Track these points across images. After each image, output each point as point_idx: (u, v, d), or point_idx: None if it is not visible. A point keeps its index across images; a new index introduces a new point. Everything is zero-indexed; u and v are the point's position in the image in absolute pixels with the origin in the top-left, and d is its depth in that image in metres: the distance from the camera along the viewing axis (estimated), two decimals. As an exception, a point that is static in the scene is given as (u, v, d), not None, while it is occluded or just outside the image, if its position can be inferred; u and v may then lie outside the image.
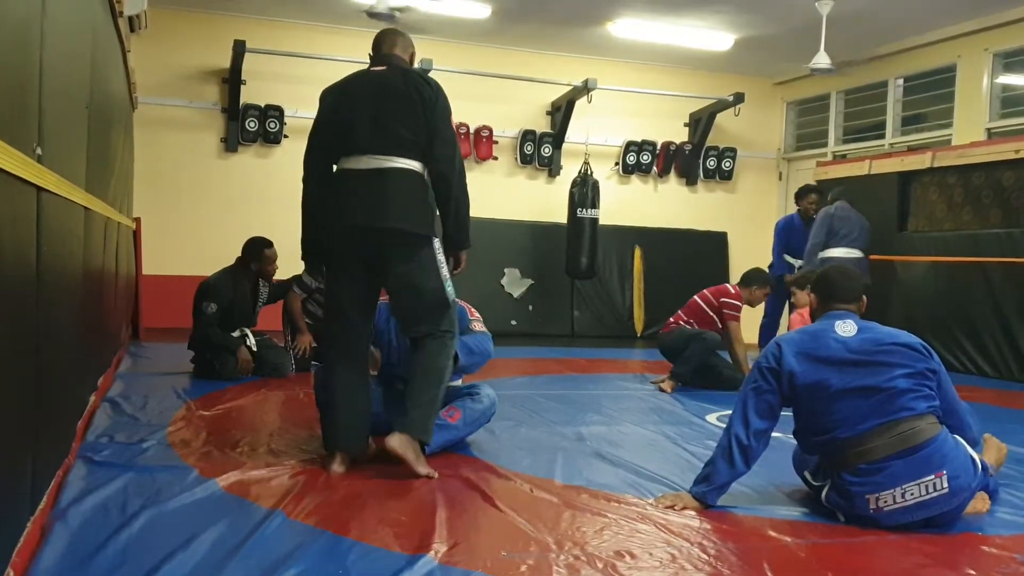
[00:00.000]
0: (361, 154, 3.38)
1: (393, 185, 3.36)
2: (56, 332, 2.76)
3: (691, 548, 2.60)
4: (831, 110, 10.30)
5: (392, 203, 3.34)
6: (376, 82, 3.47)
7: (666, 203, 10.62)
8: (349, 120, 3.41)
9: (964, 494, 2.85)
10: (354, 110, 3.42)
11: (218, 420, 4.28)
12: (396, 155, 3.37)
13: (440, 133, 3.41)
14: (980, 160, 7.68)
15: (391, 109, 3.38)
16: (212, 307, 5.71)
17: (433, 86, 3.47)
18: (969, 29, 8.27)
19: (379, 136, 3.37)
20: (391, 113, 3.38)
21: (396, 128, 3.37)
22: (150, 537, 2.49)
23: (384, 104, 3.39)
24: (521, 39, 9.57)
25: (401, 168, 3.38)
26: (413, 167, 3.40)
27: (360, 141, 3.38)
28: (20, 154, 2.02)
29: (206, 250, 8.91)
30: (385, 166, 3.36)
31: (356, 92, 3.48)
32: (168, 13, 8.57)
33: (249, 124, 8.99)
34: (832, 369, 2.93)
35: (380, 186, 3.35)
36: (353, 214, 3.36)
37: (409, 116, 3.38)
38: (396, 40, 3.64)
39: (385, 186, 3.35)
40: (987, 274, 7.56)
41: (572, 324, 10.07)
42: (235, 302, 5.85)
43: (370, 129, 3.37)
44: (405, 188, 3.38)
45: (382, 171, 3.36)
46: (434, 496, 3.04)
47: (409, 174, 3.39)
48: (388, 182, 3.36)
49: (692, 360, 6.04)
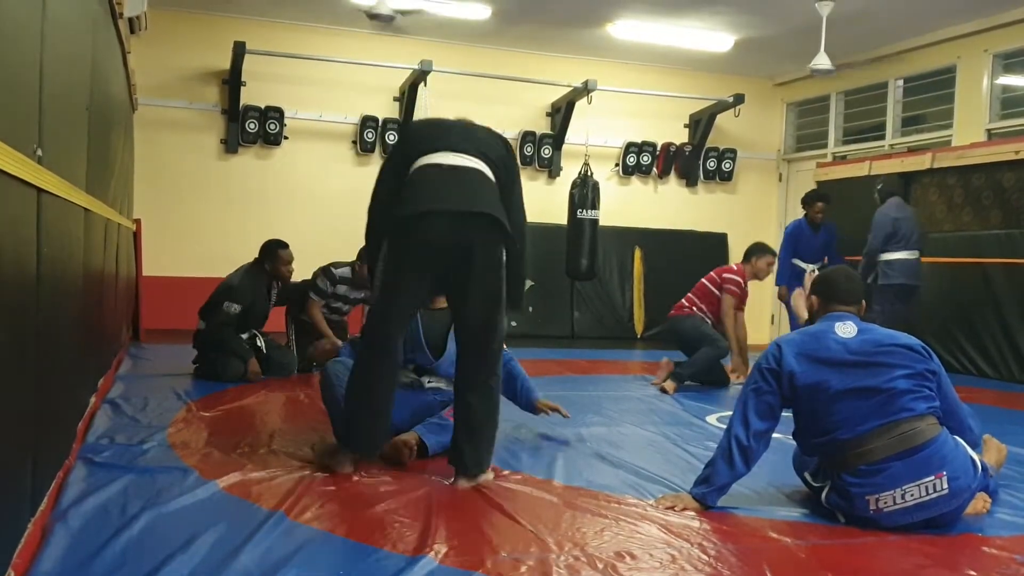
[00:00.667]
0: (450, 151, 3.30)
1: (482, 179, 3.28)
2: (56, 333, 2.76)
3: (691, 549, 2.60)
4: (831, 111, 10.31)
5: (482, 193, 3.24)
6: (458, 124, 3.51)
7: (666, 204, 10.62)
8: (435, 134, 3.40)
9: (964, 495, 2.85)
10: (442, 129, 3.43)
11: (218, 421, 4.29)
12: (481, 160, 3.32)
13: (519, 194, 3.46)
14: (980, 161, 7.68)
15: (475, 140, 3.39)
16: (235, 308, 5.69)
17: (506, 140, 3.52)
18: (969, 30, 8.27)
19: (469, 145, 3.33)
20: (475, 142, 3.37)
21: (479, 145, 3.36)
22: (150, 538, 2.49)
23: (468, 136, 3.40)
24: (521, 40, 9.57)
25: (484, 172, 3.31)
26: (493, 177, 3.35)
27: (451, 141, 3.33)
28: (20, 155, 2.02)
29: (206, 251, 8.93)
30: (474, 165, 3.29)
31: (443, 123, 3.52)
32: (168, 14, 8.58)
33: (249, 125, 8.99)
34: (832, 370, 2.93)
35: (470, 178, 3.26)
36: (444, 199, 3.17)
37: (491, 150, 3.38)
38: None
39: (475, 179, 3.27)
40: (987, 275, 7.56)
41: (572, 325, 10.07)
42: (255, 304, 5.86)
43: (455, 141, 3.34)
44: (492, 186, 3.30)
45: (471, 168, 3.28)
46: (434, 497, 3.04)
47: (489, 179, 3.32)
48: (477, 176, 3.28)
49: (697, 364, 6.06)
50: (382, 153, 9.38)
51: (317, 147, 9.33)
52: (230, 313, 5.68)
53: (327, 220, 8.86)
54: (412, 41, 9.44)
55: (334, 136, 9.38)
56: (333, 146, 9.38)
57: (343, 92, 9.34)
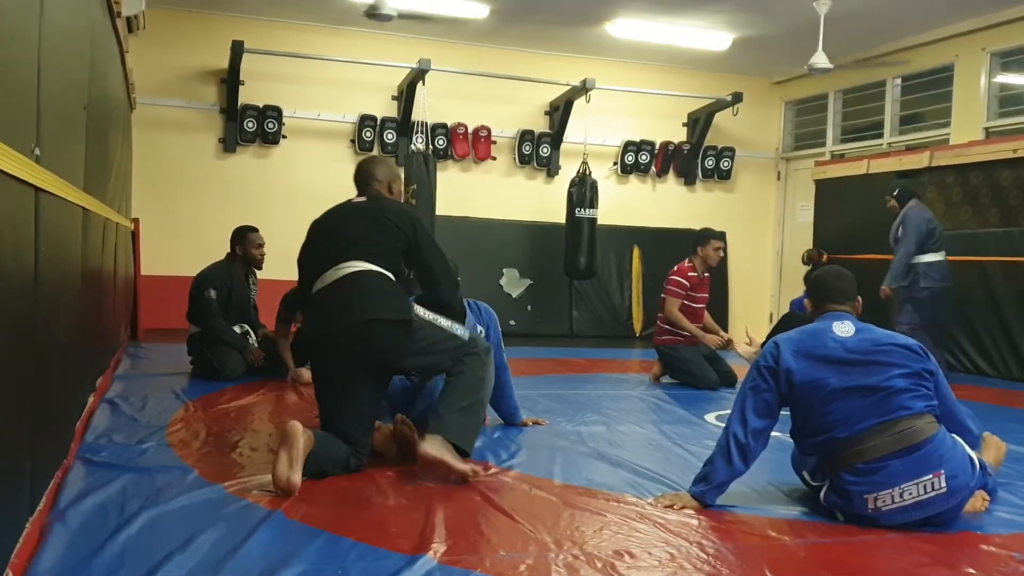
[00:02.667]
0: (331, 266, 3.41)
1: (361, 283, 3.36)
2: (54, 333, 2.76)
3: (690, 547, 2.60)
4: (829, 110, 10.31)
5: (362, 299, 3.33)
6: (352, 211, 3.60)
7: (664, 203, 10.62)
8: (319, 248, 3.52)
9: (962, 493, 2.85)
10: (327, 237, 3.54)
11: (217, 421, 4.28)
12: (363, 261, 3.40)
13: (430, 255, 3.55)
14: (978, 159, 7.68)
15: (364, 231, 3.47)
16: (211, 293, 5.67)
17: (410, 213, 3.60)
18: (966, 29, 8.28)
19: (347, 250, 3.42)
20: (363, 233, 3.46)
21: (364, 245, 3.42)
22: (149, 538, 2.49)
23: (357, 228, 3.49)
24: (519, 39, 9.57)
25: (368, 270, 3.39)
26: (379, 270, 3.41)
27: (328, 258, 3.44)
28: (18, 154, 2.02)
29: (204, 250, 8.86)
30: (355, 268, 3.38)
31: (331, 219, 3.62)
32: (166, 13, 8.57)
33: (247, 124, 8.99)
34: (829, 368, 2.94)
35: (350, 288, 3.36)
36: (328, 321, 3.34)
37: (383, 236, 3.47)
38: (371, 179, 3.74)
39: (355, 285, 3.36)
40: (985, 273, 7.57)
41: (571, 324, 10.07)
42: (232, 290, 5.83)
43: (338, 247, 3.44)
44: (375, 284, 3.38)
45: (352, 275, 3.37)
46: (433, 496, 3.04)
47: (374, 274, 3.40)
48: (358, 281, 3.37)
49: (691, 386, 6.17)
50: (380, 152, 9.38)
51: (315, 146, 9.32)
52: (211, 299, 5.66)
53: (325, 219, 8.85)
54: (410, 40, 9.43)
55: (332, 135, 9.38)
56: (331, 145, 9.38)
57: (341, 91, 9.34)
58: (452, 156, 9.69)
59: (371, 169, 3.77)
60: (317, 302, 3.44)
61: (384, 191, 3.73)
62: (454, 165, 9.76)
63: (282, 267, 8.94)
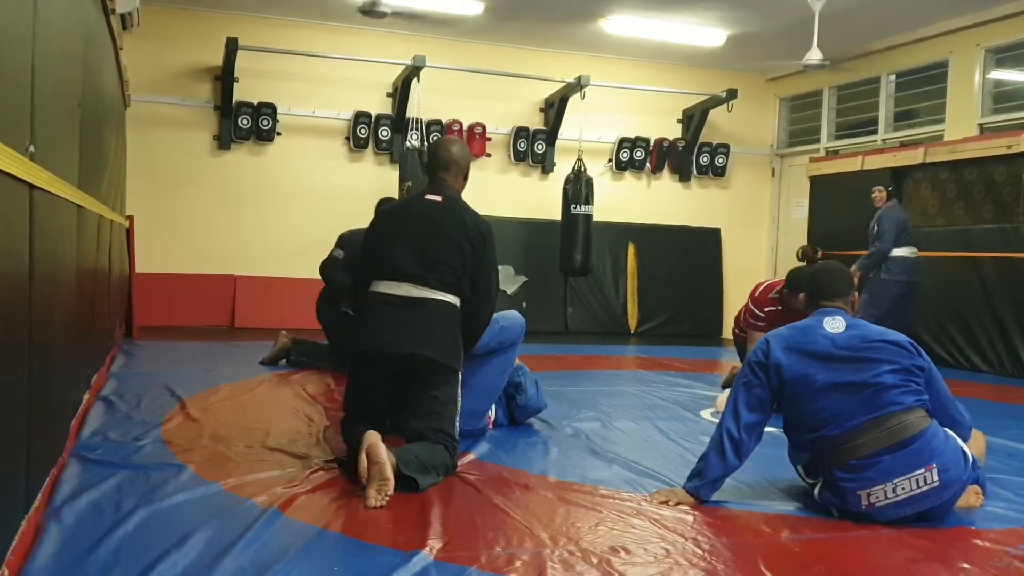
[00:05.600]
0: (402, 281, 3.40)
1: (427, 315, 3.38)
2: (49, 330, 2.76)
3: (685, 543, 2.61)
4: (824, 106, 10.32)
5: (424, 331, 3.35)
6: (428, 216, 3.49)
7: (659, 199, 10.62)
8: (394, 251, 3.44)
9: (955, 487, 2.86)
10: (401, 238, 3.46)
11: (212, 418, 4.28)
12: (437, 289, 3.41)
13: (488, 277, 3.52)
14: (972, 156, 7.70)
15: (439, 248, 3.42)
16: (339, 252, 5.78)
17: (484, 233, 3.50)
18: (961, 25, 8.29)
19: (423, 269, 3.40)
20: (438, 251, 3.42)
21: (441, 268, 3.41)
22: (144, 535, 2.48)
23: (432, 241, 3.43)
24: (514, 36, 9.56)
25: (437, 300, 3.40)
26: (449, 300, 3.43)
27: (402, 267, 3.41)
28: (12, 151, 2.01)
29: (199, 248, 8.92)
30: (421, 295, 3.39)
31: (407, 219, 3.52)
32: (160, 10, 8.55)
33: (242, 121, 8.97)
34: (819, 363, 2.95)
35: (415, 314, 3.37)
36: (387, 340, 3.35)
37: (456, 259, 3.43)
38: (452, 161, 3.61)
39: (419, 315, 3.37)
40: (980, 269, 7.59)
41: (566, 321, 10.08)
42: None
43: (414, 262, 3.40)
44: (439, 319, 3.40)
45: (416, 301, 3.38)
46: (429, 493, 3.04)
47: (444, 306, 3.42)
48: (422, 311, 3.38)
49: None
50: (375, 149, 9.38)
51: (310, 143, 9.31)
52: (337, 258, 5.77)
53: (320, 216, 8.84)
54: (405, 37, 9.42)
55: (327, 132, 9.36)
56: (326, 142, 9.37)
57: (336, 88, 9.33)
58: (447, 153, 9.66)
59: (451, 151, 3.62)
60: (377, 312, 3.41)
61: (460, 180, 3.63)
62: (449, 162, 9.73)
63: (278, 265, 9.00)
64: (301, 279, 8.85)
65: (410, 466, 3.05)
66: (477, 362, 4.00)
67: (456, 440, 3.39)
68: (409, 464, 3.05)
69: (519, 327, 4.15)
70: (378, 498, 2.85)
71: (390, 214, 3.62)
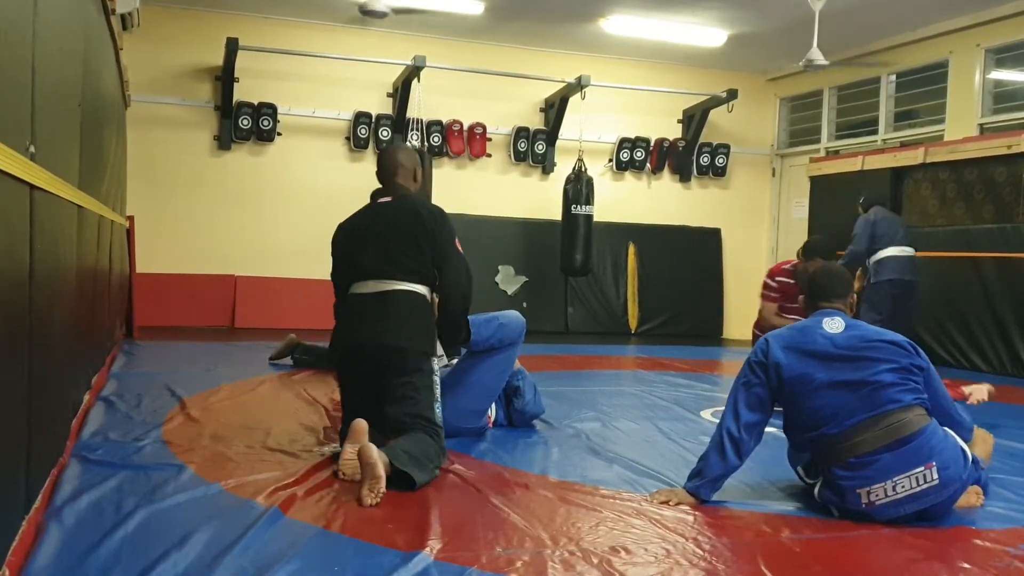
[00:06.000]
0: (368, 278, 3.57)
1: (394, 305, 3.52)
2: (49, 330, 2.76)
3: (686, 543, 2.61)
4: (824, 106, 10.32)
5: (392, 321, 3.50)
6: (382, 215, 3.68)
7: (660, 199, 10.62)
8: (358, 255, 3.61)
9: (955, 485, 2.87)
10: (361, 240, 3.64)
11: (213, 418, 4.28)
12: (401, 279, 3.54)
13: (449, 260, 3.62)
14: (972, 156, 7.70)
15: (395, 241, 3.58)
16: None
17: (437, 217, 3.65)
18: (961, 25, 8.28)
19: (385, 264, 3.55)
20: (397, 246, 3.57)
21: (401, 259, 3.55)
22: (145, 535, 2.48)
23: (388, 236, 3.59)
24: (514, 36, 9.56)
25: (403, 290, 3.54)
26: (415, 289, 3.56)
27: (367, 266, 3.58)
28: (13, 152, 2.01)
29: (200, 248, 8.92)
30: (391, 288, 3.53)
31: (364, 223, 3.70)
32: (160, 11, 8.55)
33: (242, 122, 8.97)
34: (818, 363, 2.96)
35: (383, 306, 3.52)
36: (358, 335, 3.52)
37: (413, 248, 3.57)
38: (398, 165, 3.79)
39: (387, 306, 3.51)
40: (980, 269, 7.59)
41: (566, 321, 10.08)
42: None
43: (376, 259, 3.57)
44: (406, 308, 3.53)
45: (388, 294, 3.53)
46: (429, 493, 3.04)
47: (410, 295, 3.55)
48: (393, 301, 3.52)
49: None
50: (375, 149, 9.38)
51: (310, 143, 9.31)
52: None
53: (320, 216, 8.81)
54: (405, 37, 9.42)
55: (327, 132, 9.36)
56: (326, 142, 9.37)
57: (336, 88, 9.33)
58: (447, 153, 9.68)
59: (396, 157, 3.81)
60: (350, 311, 3.59)
61: (410, 180, 3.80)
62: (449, 162, 9.75)
63: (278, 265, 9.00)
64: (301, 279, 8.86)
65: (401, 461, 3.10)
66: (476, 360, 4.04)
67: (436, 424, 3.43)
68: (399, 459, 3.10)
69: (519, 326, 4.21)
70: (371, 496, 2.88)
71: (349, 224, 3.79)
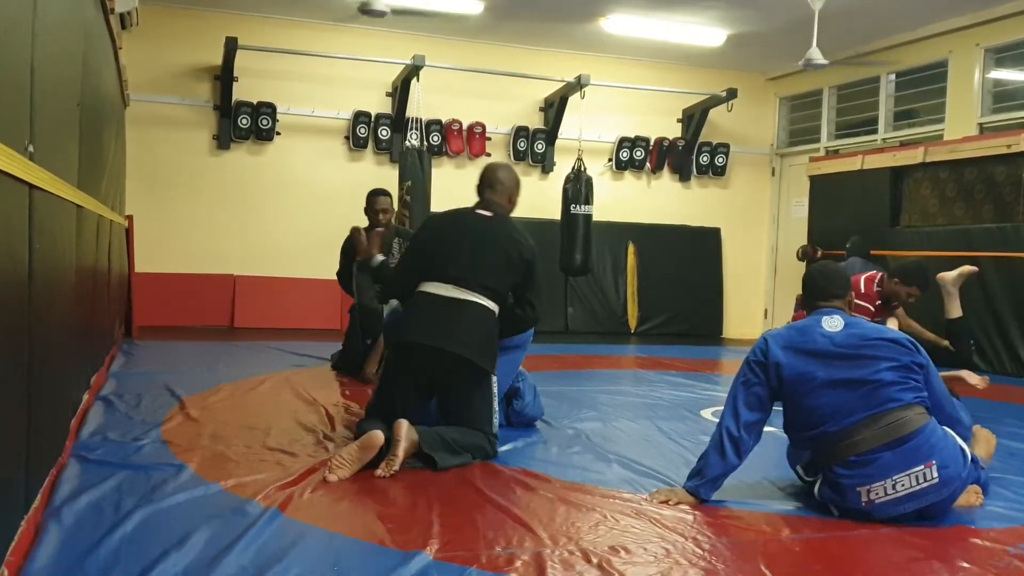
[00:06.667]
0: (449, 284, 3.68)
1: (469, 314, 3.65)
2: (48, 330, 2.76)
3: (685, 543, 2.61)
4: (824, 106, 10.32)
5: (462, 330, 3.61)
6: (478, 228, 3.81)
7: (659, 199, 10.62)
8: (448, 257, 3.71)
9: (954, 484, 2.87)
10: (451, 244, 3.75)
11: (212, 418, 4.28)
12: (480, 293, 3.69)
13: (538, 294, 3.87)
14: (972, 155, 7.70)
15: (486, 256, 3.73)
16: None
17: (534, 250, 3.84)
18: (961, 24, 8.28)
19: (472, 273, 3.69)
20: (490, 261, 3.72)
21: (487, 274, 3.71)
22: (144, 535, 2.48)
23: (481, 249, 3.73)
24: (514, 35, 9.56)
25: (477, 303, 3.67)
26: (488, 305, 3.71)
27: (450, 271, 3.69)
28: (12, 151, 2.01)
29: (199, 248, 8.92)
30: (467, 298, 3.66)
31: (457, 228, 3.82)
32: (159, 10, 8.55)
33: (241, 121, 8.97)
34: (817, 361, 2.96)
35: (457, 314, 3.64)
36: (427, 334, 3.60)
37: (502, 268, 3.74)
38: (496, 182, 3.95)
39: (462, 314, 3.64)
40: (980, 268, 7.57)
41: (566, 320, 10.07)
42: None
43: (464, 267, 3.69)
44: (477, 320, 3.66)
45: (462, 302, 3.65)
46: (429, 493, 3.04)
47: (483, 309, 3.69)
48: (467, 310, 3.65)
49: None
50: (375, 149, 9.38)
51: (310, 143, 9.31)
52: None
53: (320, 216, 8.85)
54: (405, 36, 9.42)
55: (327, 132, 9.36)
56: (326, 142, 9.36)
57: (335, 88, 9.32)
58: (447, 153, 9.68)
59: (497, 174, 3.96)
60: (420, 309, 3.68)
61: (505, 201, 3.94)
62: (449, 162, 9.75)
63: (277, 265, 9.00)
64: (301, 279, 8.86)
65: (432, 446, 3.29)
66: None
67: (494, 434, 3.64)
68: (432, 444, 3.29)
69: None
70: (385, 469, 3.17)
71: (440, 222, 3.91)
